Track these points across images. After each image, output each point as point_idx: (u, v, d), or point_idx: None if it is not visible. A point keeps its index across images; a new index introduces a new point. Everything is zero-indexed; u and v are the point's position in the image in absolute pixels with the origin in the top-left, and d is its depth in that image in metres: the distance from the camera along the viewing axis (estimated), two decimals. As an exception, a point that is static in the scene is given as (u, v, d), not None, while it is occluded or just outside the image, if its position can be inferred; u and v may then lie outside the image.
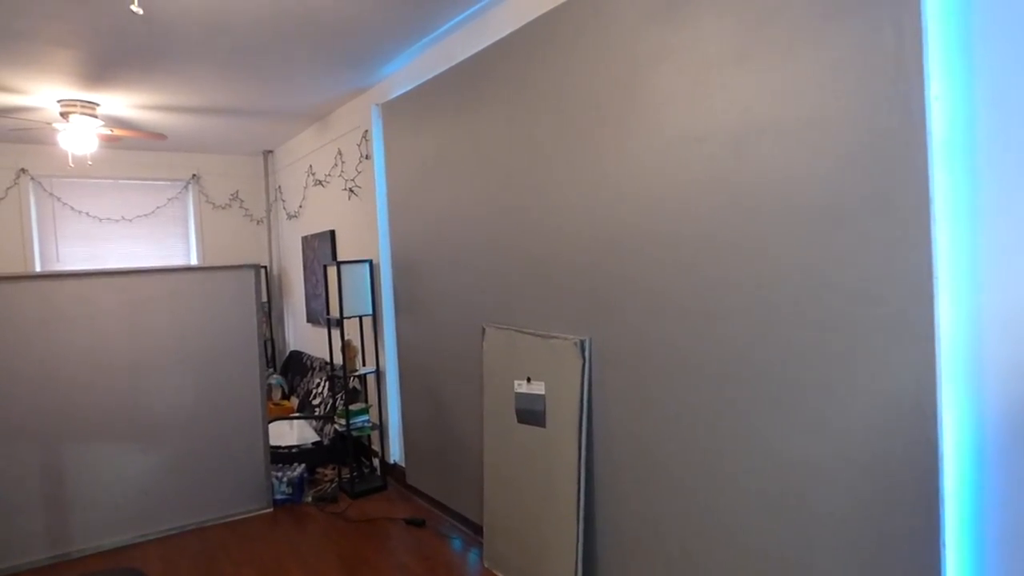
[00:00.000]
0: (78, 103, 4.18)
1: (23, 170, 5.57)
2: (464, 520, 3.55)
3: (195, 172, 6.36)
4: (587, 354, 2.54)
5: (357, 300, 4.18)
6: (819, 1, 1.69)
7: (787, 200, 1.81)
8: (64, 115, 4.20)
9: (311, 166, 5.52)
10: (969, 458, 1.52)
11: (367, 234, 4.51)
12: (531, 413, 2.79)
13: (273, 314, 6.69)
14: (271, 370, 6.33)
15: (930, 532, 1.54)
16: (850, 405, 1.69)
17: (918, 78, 1.49)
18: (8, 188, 5.52)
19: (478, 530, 3.35)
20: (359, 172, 4.58)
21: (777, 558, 1.90)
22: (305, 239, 5.76)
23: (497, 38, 3.02)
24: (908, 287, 1.55)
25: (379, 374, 4.36)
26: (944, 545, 1.52)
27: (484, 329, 3.12)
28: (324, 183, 5.28)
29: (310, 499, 4.14)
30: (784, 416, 1.85)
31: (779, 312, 1.85)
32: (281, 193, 6.39)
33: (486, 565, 3.09)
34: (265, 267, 6.66)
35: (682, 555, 2.21)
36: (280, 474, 4.10)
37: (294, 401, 5.67)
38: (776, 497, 1.89)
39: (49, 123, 4.43)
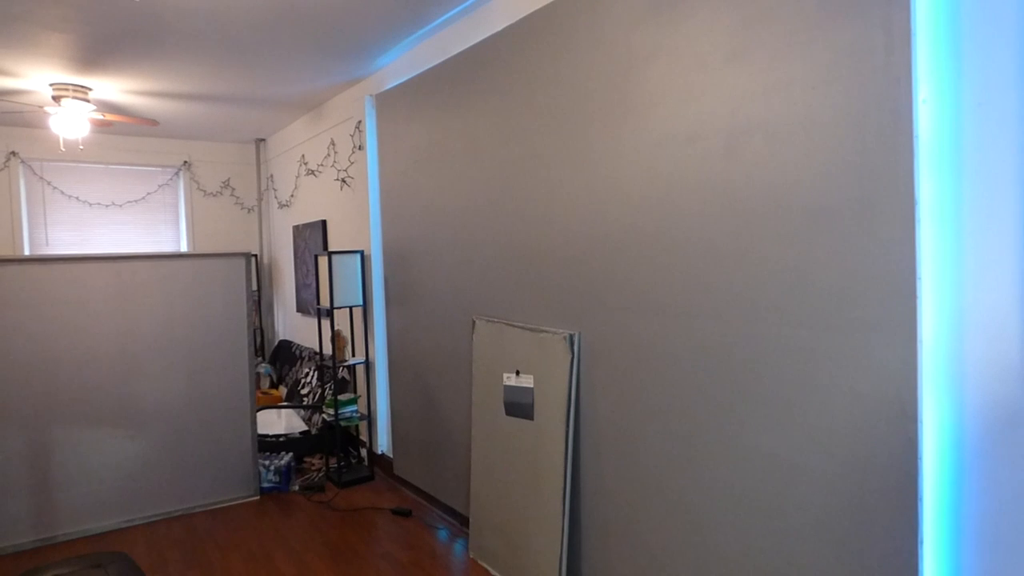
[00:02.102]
0: (70, 87, 4.15)
1: (13, 153, 5.52)
2: (450, 511, 3.57)
3: (187, 159, 6.32)
4: (576, 348, 2.56)
5: (348, 290, 4.18)
6: (811, 3, 1.71)
7: (775, 200, 1.83)
8: (56, 99, 4.17)
9: (303, 155, 5.51)
10: (948, 457, 1.54)
11: (359, 225, 4.52)
12: (519, 406, 2.81)
13: (263, 303, 6.67)
14: (260, 359, 6.32)
15: (908, 531, 1.56)
16: (832, 404, 1.72)
17: (906, 81, 1.51)
18: (-3, 171, 5.48)
19: (464, 521, 3.37)
20: (352, 163, 4.58)
21: (757, 554, 1.93)
22: (296, 228, 5.75)
23: (491, 32, 3.03)
24: (891, 287, 1.57)
25: (368, 365, 4.37)
26: (922, 543, 1.55)
27: (474, 322, 3.13)
28: (316, 173, 5.27)
29: (297, 488, 4.15)
30: (767, 414, 1.88)
31: (764, 311, 1.87)
32: (273, 182, 6.37)
33: (471, 556, 3.11)
34: (256, 256, 6.64)
35: (664, 550, 2.24)
36: (267, 462, 4.10)
37: (282, 390, 5.67)
38: (758, 494, 1.92)
39: (41, 106, 4.40)
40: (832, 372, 1.71)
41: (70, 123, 4.26)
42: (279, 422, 4.77)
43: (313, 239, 5.37)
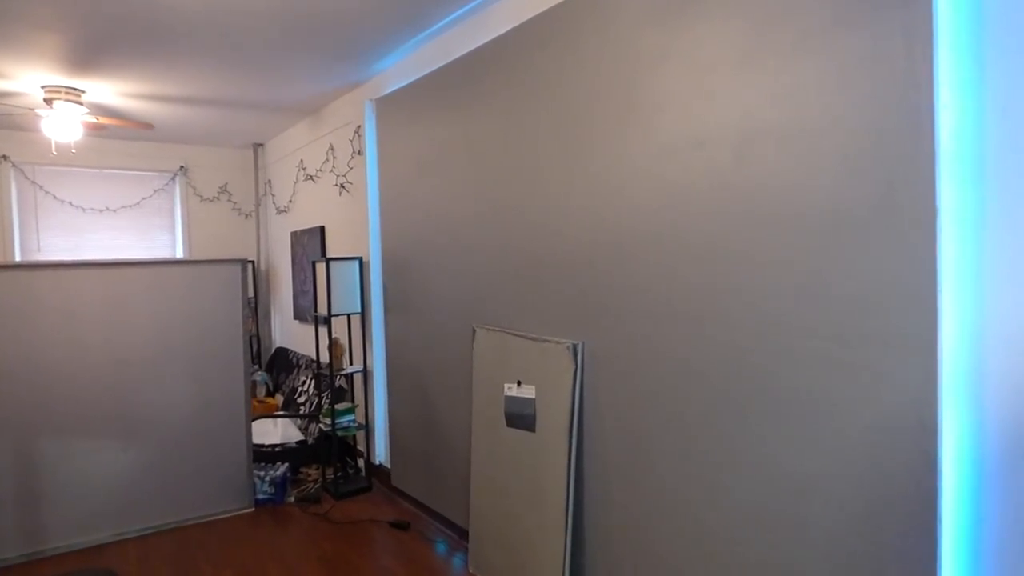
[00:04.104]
0: (63, 89, 4.09)
1: (4, 157, 5.45)
2: (450, 524, 3.50)
3: (183, 163, 6.26)
4: (580, 358, 2.50)
5: (346, 297, 4.12)
6: (828, 5, 1.66)
7: (788, 207, 1.77)
8: (48, 101, 4.11)
9: (302, 160, 5.45)
10: (968, 474, 1.50)
11: (358, 231, 4.45)
12: (521, 417, 2.74)
13: (259, 310, 6.60)
14: (256, 367, 6.25)
15: (927, 549, 1.51)
16: (848, 417, 1.66)
17: (928, 86, 1.45)
18: (-11, 175, 5.41)
19: (464, 534, 3.30)
20: (351, 168, 4.52)
21: (768, 570, 1.87)
22: (294, 234, 5.69)
23: (494, 36, 2.97)
24: (911, 298, 1.52)
25: (366, 373, 4.31)
26: (940, 562, 1.49)
27: (475, 330, 3.07)
28: (315, 178, 5.21)
29: (293, 499, 4.07)
30: (780, 426, 1.82)
31: (778, 321, 1.81)
32: (271, 187, 6.31)
33: (471, 570, 3.04)
34: (252, 262, 6.57)
35: (671, 566, 2.18)
36: (263, 473, 4.03)
37: (279, 399, 5.60)
38: (770, 508, 1.86)
39: (32, 109, 4.34)
40: (848, 384, 1.66)
41: (62, 126, 4.19)
42: (275, 432, 4.69)
43: (311, 245, 5.31)
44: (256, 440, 4.36)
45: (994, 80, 1.41)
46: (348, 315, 4.20)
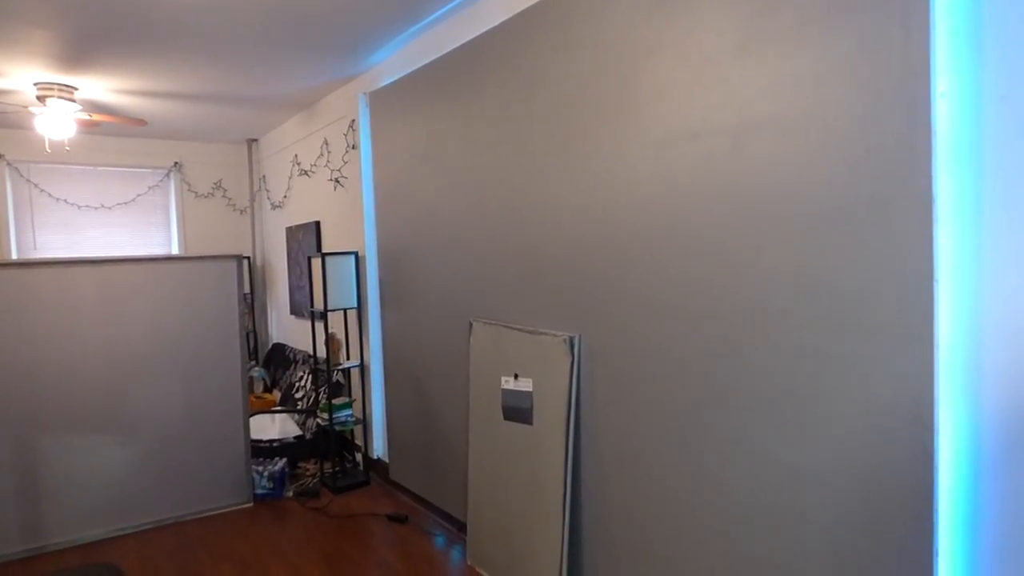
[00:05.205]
0: (55, 86, 4.06)
1: (-1, 154, 5.43)
2: (448, 517, 3.50)
3: (177, 160, 6.23)
4: (576, 351, 2.50)
5: (342, 292, 4.11)
6: (822, -6, 1.65)
7: (785, 199, 1.77)
8: (41, 99, 4.08)
9: (296, 155, 5.43)
10: (965, 466, 1.49)
11: (353, 225, 4.44)
12: (518, 410, 2.74)
13: (256, 305, 6.59)
14: (253, 362, 6.24)
15: (923, 541, 1.51)
16: (845, 410, 1.66)
17: (924, 74, 1.45)
18: (-17, 172, 5.38)
19: (462, 527, 3.31)
20: (346, 162, 4.51)
21: (765, 564, 1.87)
22: (289, 230, 5.67)
23: (488, 27, 2.96)
24: (907, 291, 1.51)
25: (363, 368, 4.30)
26: (937, 555, 1.49)
27: (471, 324, 3.07)
28: (309, 173, 5.19)
29: (291, 494, 4.07)
30: (777, 420, 1.82)
31: (774, 314, 1.81)
32: (265, 183, 6.29)
33: (469, 563, 3.05)
34: (248, 258, 6.55)
35: (669, 557, 2.18)
36: (261, 468, 4.03)
37: (276, 394, 5.59)
38: (766, 502, 1.86)
39: (25, 107, 4.31)
40: (844, 377, 1.66)
41: (56, 123, 4.17)
42: (273, 427, 4.69)
43: (307, 240, 5.29)
44: (254, 435, 4.36)
45: (992, 67, 1.40)
46: (344, 310, 4.19)
